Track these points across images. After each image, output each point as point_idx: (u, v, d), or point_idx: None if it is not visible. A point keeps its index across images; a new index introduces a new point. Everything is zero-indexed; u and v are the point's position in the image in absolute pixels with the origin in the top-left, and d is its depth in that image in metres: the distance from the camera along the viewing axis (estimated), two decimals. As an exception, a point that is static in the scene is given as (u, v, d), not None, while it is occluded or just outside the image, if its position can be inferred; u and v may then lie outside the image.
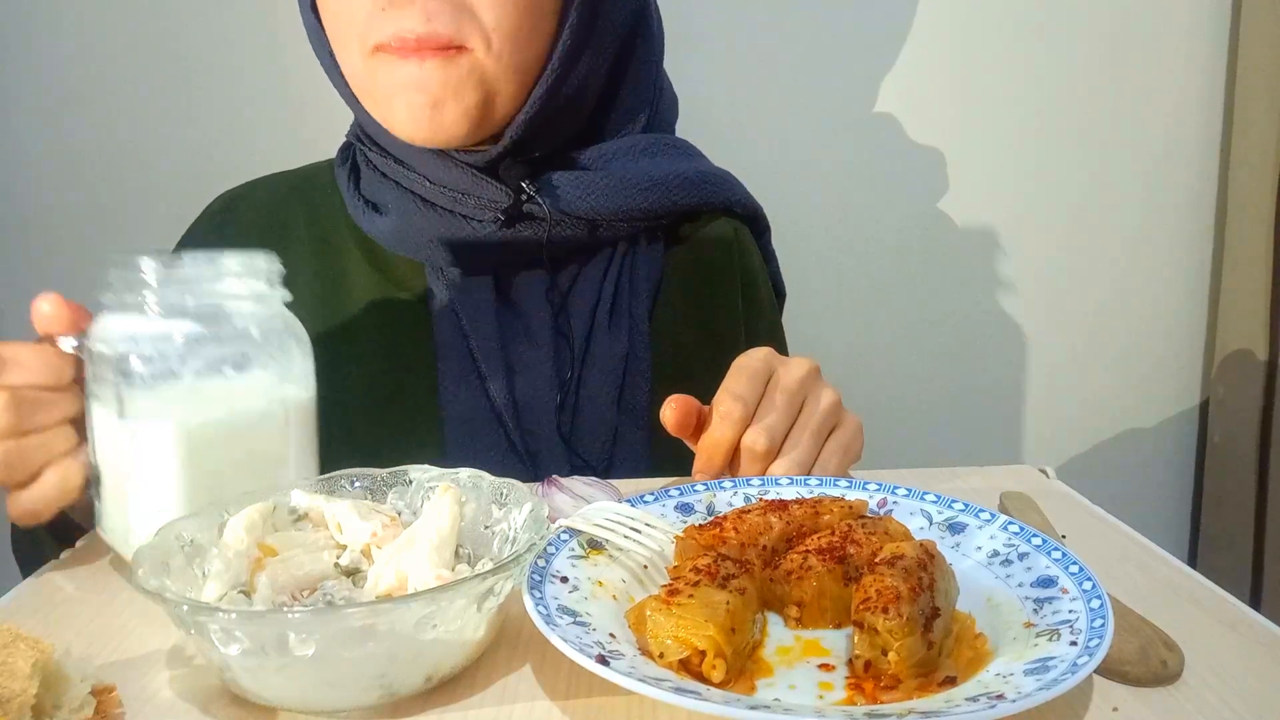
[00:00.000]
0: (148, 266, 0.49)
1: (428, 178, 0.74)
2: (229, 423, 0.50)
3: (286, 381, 0.52)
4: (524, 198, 0.72)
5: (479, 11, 0.65)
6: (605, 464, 0.72)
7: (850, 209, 1.26)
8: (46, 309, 0.51)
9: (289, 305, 0.54)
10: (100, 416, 0.50)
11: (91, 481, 0.51)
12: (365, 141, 0.77)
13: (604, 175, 0.75)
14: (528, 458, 0.71)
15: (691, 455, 0.61)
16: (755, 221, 0.86)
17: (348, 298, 0.76)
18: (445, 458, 0.70)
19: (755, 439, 0.56)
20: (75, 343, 0.51)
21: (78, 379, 0.51)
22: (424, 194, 0.74)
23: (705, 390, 0.60)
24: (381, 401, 0.73)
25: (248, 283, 0.51)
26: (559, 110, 0.72)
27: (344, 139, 0.82)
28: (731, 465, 0.59)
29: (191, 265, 0.50)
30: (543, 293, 0.75)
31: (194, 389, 0.49)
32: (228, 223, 0.80)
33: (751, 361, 0.60)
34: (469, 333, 0.73)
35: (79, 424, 0.52)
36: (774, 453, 0.57)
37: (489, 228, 0.72)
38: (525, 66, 0.69)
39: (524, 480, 0.49)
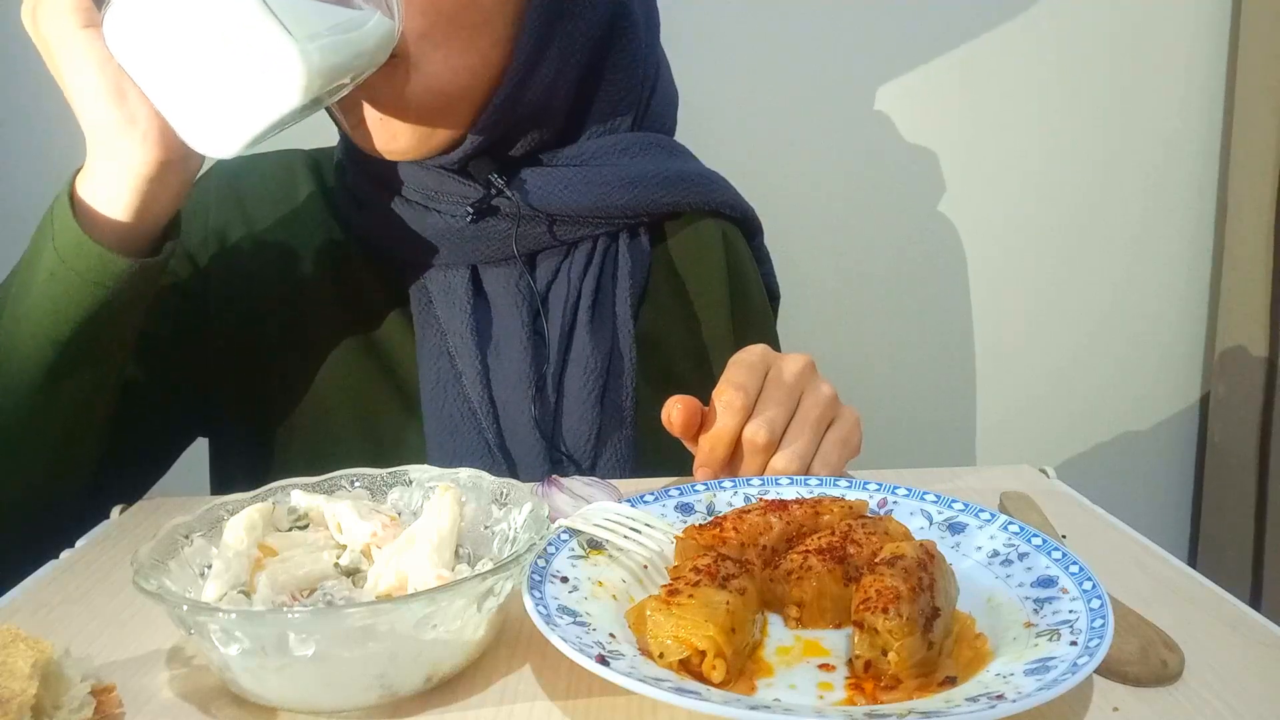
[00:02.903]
0: None
1: (401, 177, 0.74)
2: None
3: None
4: (493, 191, 0.72)
5: (408, 15, 0.65)
6: (589, 464, 0.72)
7: (850, 209, 1.26)
8: None
9: (294, 287, 0.55)
10: None
11: None
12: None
13: (578, 172, 0.75)
14: (508, 458, 0.71)
15: (678, 456, 0.61)
16: (746, 223, 0.86)
17: (344, 285, 0.76)
18: (426, 456, 0.70)
19: (756, 431, 0.57)
20: None
21: None
22: (400, 190, 0.74)
23: (691, 392, 0.60)
24: (367, 398, 0.73)
25: None
26: (524, 115, 0.72)
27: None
28: (731, 460, 0.59)
29: None
30: (521, 291, 0.75)
31: None
32: (238, 181, 0.79)
33: (749, 356, 0.60)
34: (446, 331, 0.73)
35: None
36: (774, 445, 0.57)
37: (461, 223, 0.73)
38: (469, 70, 0.68)
39: None
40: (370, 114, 0.68)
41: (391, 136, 0.69)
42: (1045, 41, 1.24)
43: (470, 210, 0.72)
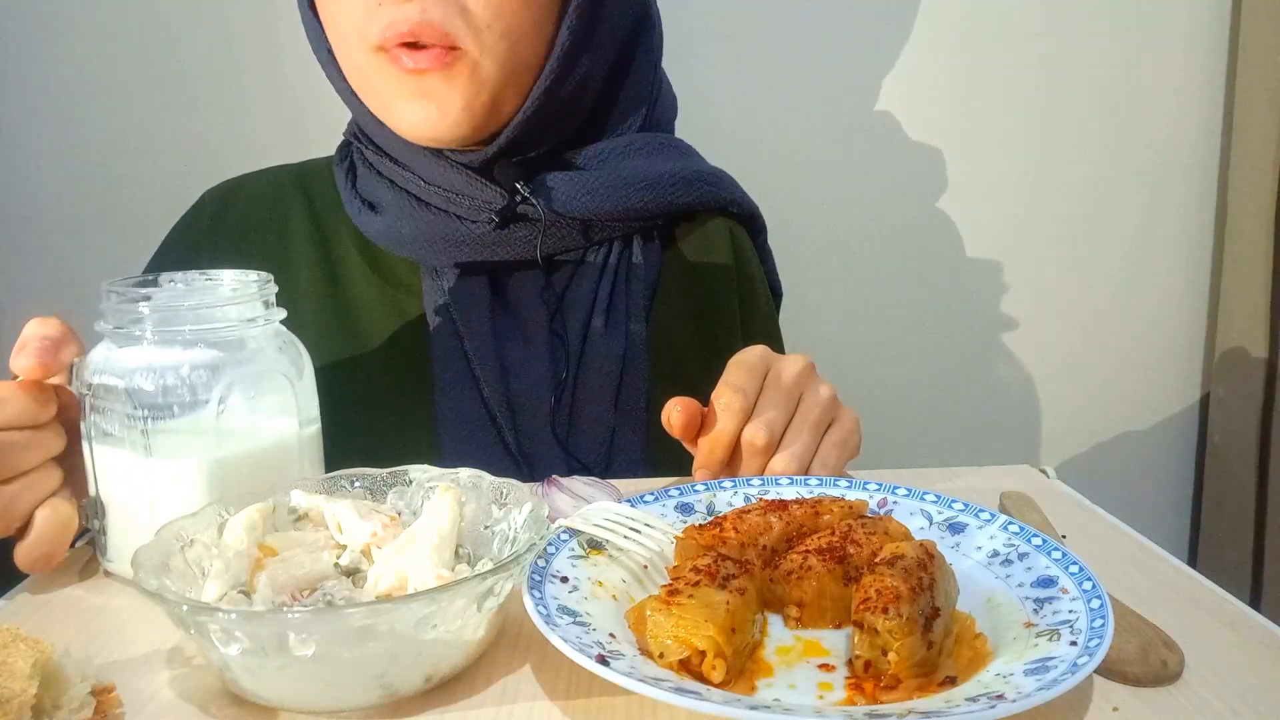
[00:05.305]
0: (144, 295, 0.48)
1: (422, 178, 0.74)
2: (252, 451, 0.50)
3: (299, 401, 0.52)
4: (518, 199, 0.72)
5: (472, 8, 0.66)
6: (603, 465, 0.72)
7: (850, 209, 1.26)
8: (46, 333, 0.48)
9: (288, 305, 0.54)
10: (107, 450, 0.49)
11: (91, 514, 0.50)
12: (362, 140, 0.77)
13: (598, 175, 0.75)
14: (524, 460, 0.71)
15: (690, 456, 0.61)
16: (751, 221, 0.86)
17: (344, 297, 0.76)
18: (441, 459, 0.70)
19: (755, 433, 0.57)
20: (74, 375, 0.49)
21: (59, 412, 0.49)
22: (419, 193, 0.74)
23: (702, 390, 0.60)
24: (377, 403, 0.73)
25: (246, 306, 0.50)
26: (556, 111, 0.72)
27: (342, 138, 0.82)
28: (730, 461, 0.59)
29: (187, 289, 0.50)
30: (538, 293, 0.75)
31: (212, 419, 0.48)
32: (227, 210, 0.80)
33: (748, 357, 0.60)
34: (463, 334, 0.73)
35: (61, 460, 0.50)
36: (773, 447, 0.57)
37: (483, 228, 0.72)
38: (524, 64, 0.69)
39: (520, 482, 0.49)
40: (419, 107, 0.68)
41: (443, 115, 0.68)
42: (1045, 41, 1.24)
43: (495, 218, 0.72)
